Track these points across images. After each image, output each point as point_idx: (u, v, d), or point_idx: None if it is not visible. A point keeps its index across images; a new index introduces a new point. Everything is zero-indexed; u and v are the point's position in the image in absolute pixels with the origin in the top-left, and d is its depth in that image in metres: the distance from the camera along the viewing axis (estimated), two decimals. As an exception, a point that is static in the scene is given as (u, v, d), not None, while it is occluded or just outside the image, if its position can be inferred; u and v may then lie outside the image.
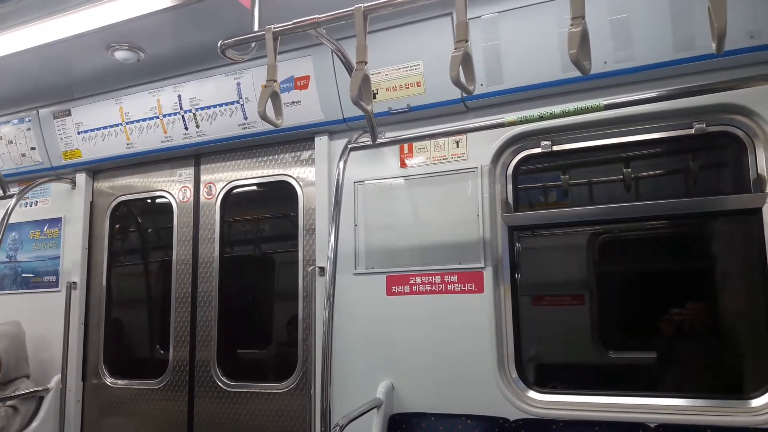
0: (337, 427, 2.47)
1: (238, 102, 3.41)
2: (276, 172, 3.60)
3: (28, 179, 4.10)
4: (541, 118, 2.54)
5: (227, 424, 3.49)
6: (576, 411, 2.67)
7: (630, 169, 2.90)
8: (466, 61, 1.94)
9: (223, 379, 3.57)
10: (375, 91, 3.04)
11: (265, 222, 3.84)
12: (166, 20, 2.93)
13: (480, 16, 2.79)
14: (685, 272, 2.97)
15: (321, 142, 3.38)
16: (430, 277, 2.99)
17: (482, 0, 2.76)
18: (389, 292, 3.08)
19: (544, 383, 2.89)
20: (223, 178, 3.76)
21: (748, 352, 2.72)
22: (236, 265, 3.77)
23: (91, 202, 4.15)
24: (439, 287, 2.97)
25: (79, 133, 3.92)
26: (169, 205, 3.92)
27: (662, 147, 2.89)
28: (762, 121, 2.52)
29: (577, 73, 1.81)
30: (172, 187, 3.93)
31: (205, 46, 3.10)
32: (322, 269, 3.21)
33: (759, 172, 2.57)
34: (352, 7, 2.14)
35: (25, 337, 3.87)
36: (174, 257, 3.82)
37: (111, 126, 3.80)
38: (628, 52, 2.60)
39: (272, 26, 2.31)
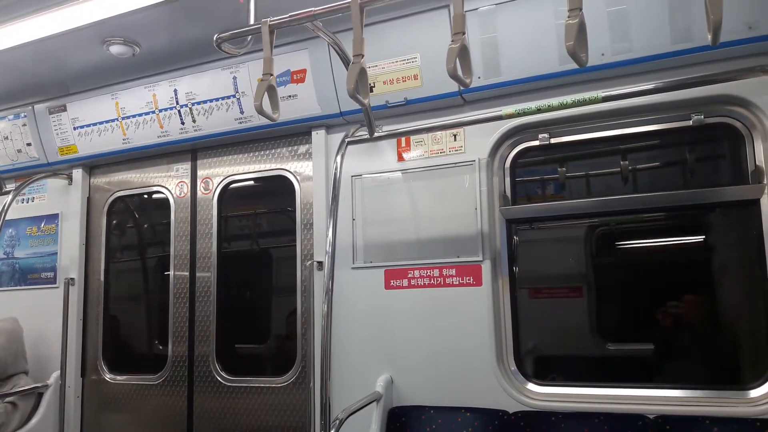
0: (337, 421, 2.47)
1: (234, 96, 3.39)
2: (273, 166, 3.59)
3: (25, 175, 4.09)
4: (539, 110, 2.53)
5: (227, 419, 3.50)
6: (575, 403, 2.68)
7: (628, 161, 2.90)
8: (462, 53, 1.93)
9: (223, 373, 3.57)
10: (372, 85, 3.03)
11: (262, 217, 3.84)
12: (162, 14, 2.91)
13: (477, 9, 2.78)
14: (682, 264, 2.97)
15: (318, 136, 3.37)
16: (429, 271, 2.99)
17: (479, -8, 2.75)
18: (388, 286, 3.08)
19: (542, 375, 2.90)
20: (220, 172, 3.75)
21: (746, 343, 2.73)
22: (234, 260, 3.77)
23: (88, 198, 4.14)
24: (437, 281, 2.97)
25: (75, 128, 3.90)
26: (166, 201, 3.91)
27: (660, 139, 2.88)
28: (760, 113, 2.52)
29: (574, 66, 1.81)
30: (169, 183, 3.92)
31: (200, 40, 3.09)
32: (320, 264, 3.22)
33: (757, 163, 2.57)
34: (349, 0, 2.13)
35: (22, 334, 3.86)
36: (172, 252, 3.81)
37: (107, 121, 3.79)
38: (626, 43, 2.59)
39: (268, 19, 2.30)
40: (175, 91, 3.54)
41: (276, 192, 3.63)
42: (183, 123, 3.59)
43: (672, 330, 2.82)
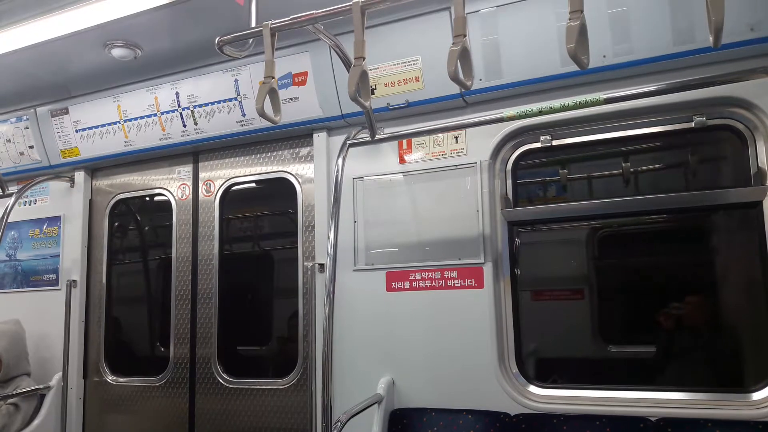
0: (339, 423, 2.47)
1: (236, 99, 3.40)
2: (275, 168, 3.60)
3: (27, 178, 4.10)
4: (541, 112, 2.53)
5: (228, 421, 3.50)
6: (577, 405, 2.67)
7: (630, 163, 2.90)
8: (463, 56, 1.93)
9: (224, 375, 3.57)
10: (373, 87, 3.03)
11: (264, 219, 3.84)
12: (163, 17, 2.92)
13: (478, 11, 2.78)
14: (684, 266, 2.97)
15: (319, 138, 3.38)
16: (430, 273, 2.99)
17: (480, -6, 2.75)
18: (389, 288, 3.08)
19: (544, 378, 2.90)
20: (222, 175, 3.75)
21: (749, 345, 2.72)
22: (236, 262, 3.77)
23: (90, 200, 4.14)
24: (438, 283, 2.97)
25: (77, 131, 3.91)
26: (168, 203, 3.92)
27: (662, 141, 2.88)
28: (762, 114, 2.51)
29: (576, 67, 1.80)
30: (171, 185, 3.92)
31: (202, 43, 3.09)
32: (321, 266, 3.22)
33: (759, 165, 2.56)
34: (350, 3, 2.13)
35: (25, 335, 3.88)
36: (173, 255, 3.82)
37: (109, 124, 3.80)
38: (628, 45, 2.59)
39: (270, 22, 2.30)
40: (177, 93, 3.54)
41: (277, 194, 3.64)
42: (185, 125, 3.59)
43: (674, 332, 2.82)
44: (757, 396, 2.47)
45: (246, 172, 3.69)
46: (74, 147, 3.97)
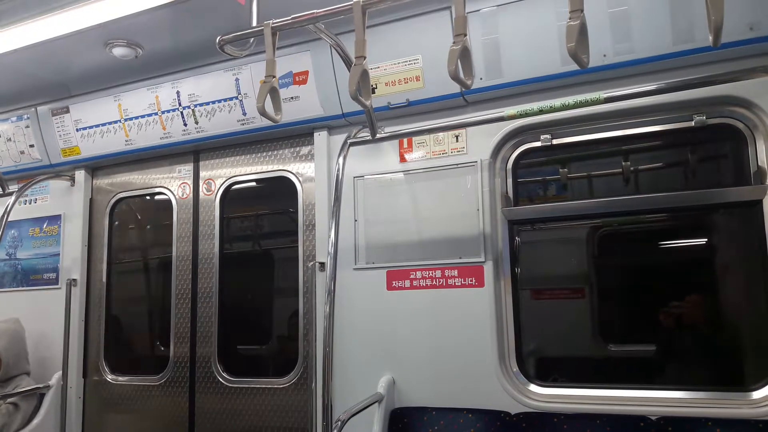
0: (339, 422, 2.47)
1: (236, 98, 3.40)
2: (275, 167, 3.60)
3: (28, 176, 4.10)
4: (541, 111, 2.53)
5: (228, 420, 3.50)
6: (577, 404, 2.67)
7: (630, 162, 2.90)
8: (464, 55, 1.94)
9: (224, 374, 3.57)
10: (374, 86, 3.03)
11: (264, 218, 3.84)
12: (165, 16, 2.92)
13: (479, 10, 2.79)
14: (685, 265, 2.97)
15: (320, 137, 3.38)
16: (431, 272, 2.99)
17: (481, -7, 2.76)
18: (390, 287, 3.08)
19: (544, 377, 2.90)
20: (223, 174, 3.75)
21: (749, 344, 2.73)
22: (236, 261, 3.77)
23: (91, 199, 4.15)
24: (439, 282, 2.98)
25: (77, 130, 3.91)
26: (168, 202, 3.92)
27: (662, 140, 2.88)
28: (762, 113, 2.52)
29: (576, 66, 1.81)
30: (172, 184, 3.92)
31: (203, 42, 3.10)
32: (322, 265, 3.22)
33: (759, 164, 2.57)
34: (351, 2, 2.14)
35: (24, 335, 3.87)
36: (174, 254, 3.82)
37: (110, 123, 3.80)
38: (628, 44, 2.59)
39: (271, 21, 2.31)
40: (178, 92, 3.55)
41: (278, 193, 3.64)
42: (185, 124, 3.59)
43: (674, 331, 2.82)
44: (757, 395, 2.47)
45: (247, 171, 3.69)
46: (75, 146, 3.97)
